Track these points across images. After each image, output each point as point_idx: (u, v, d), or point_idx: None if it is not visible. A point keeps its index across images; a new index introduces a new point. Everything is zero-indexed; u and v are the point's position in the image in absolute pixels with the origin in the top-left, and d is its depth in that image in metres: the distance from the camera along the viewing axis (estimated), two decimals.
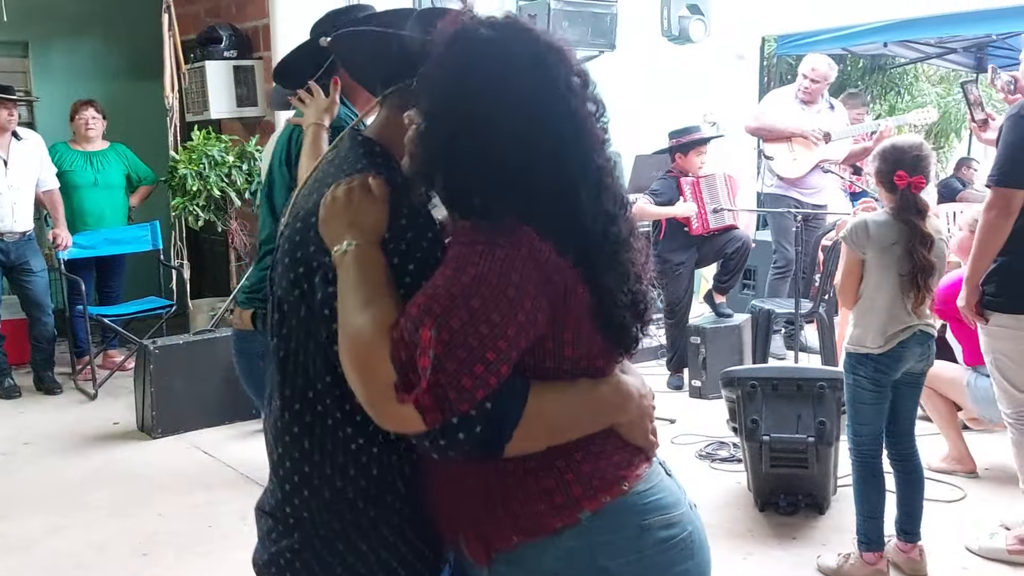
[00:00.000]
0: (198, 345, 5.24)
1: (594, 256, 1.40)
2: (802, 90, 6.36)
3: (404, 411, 1.27)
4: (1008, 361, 3.42)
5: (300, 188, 1.62)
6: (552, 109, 1.39)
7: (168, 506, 4.19)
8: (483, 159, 1.36)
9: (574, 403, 1.40)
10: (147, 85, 6.93)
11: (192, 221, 6.31)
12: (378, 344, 1.29)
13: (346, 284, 1.36)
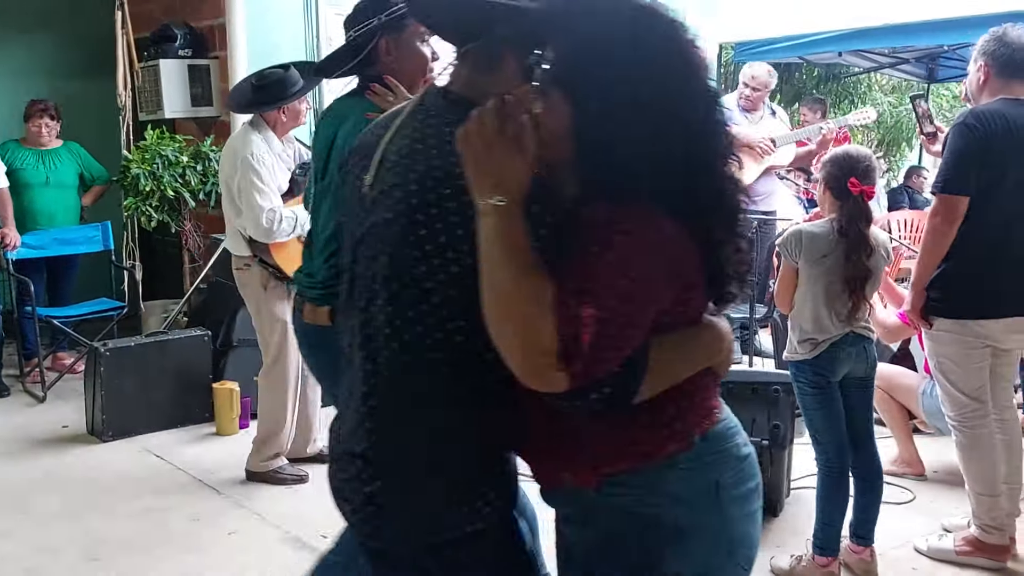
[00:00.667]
0: (150, 347, 5.17)
1: (715, 228, 1.50)
2: (743, 98, 6.41)
3: (556, 376, 1.36)
4: (952, 365, 3.49)
5: (382, 155, 1.61)
6: (694, 86, 1.46)
7: (119, 510, 4.12)
8: (638, 142, 1.40)
9: (685, 351, 1.53)
10: (100, 83, 6.82)
11: (145, 222, 6.23)
12: (541, 314, 1.36)
13: (492, 244, 1.40)
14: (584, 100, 1.42)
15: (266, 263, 4.23)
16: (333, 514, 4.26)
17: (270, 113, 4.26)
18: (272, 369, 4.37)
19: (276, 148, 4.27)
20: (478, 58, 1.57)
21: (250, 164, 4.13)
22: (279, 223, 4.13)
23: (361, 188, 1.64)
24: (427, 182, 1.49)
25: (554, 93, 1.44)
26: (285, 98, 4.22)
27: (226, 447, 4.91)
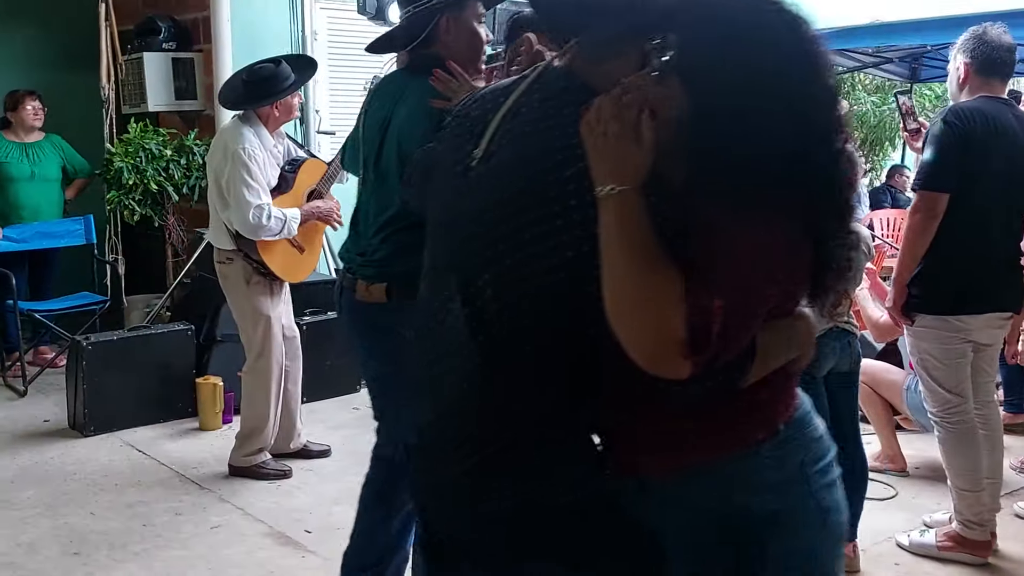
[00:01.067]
0: (133, 341, 5.14)
1: (825, 223, 1.50)
2: None
3: (682, 364, 1.37)
4: (934, 361, 3.51)
5: (493, 134, 1.59)
6: (816, 82, 1.45)
7: (100, 505, 4.10)
8: (755, 135, 1.39)
9: (785, 339, 1.55)
10: (82, 75, 6.77)
11: (128, 215, 6.19)
12: (670, 303, 1.36)
13: (613, 234, 1.40)
14: (702, 91, 1.41)
15: (251, 258, 4.21)
16: (317, 509, 4.28)
17: (262, 109, 4.24)
18: (256, 365, 4.35)
19: (268, 143, 4.25)
20: (599, 43, 1.56)
21: (241, 158, 4.10)
22: (267, 220, 4.10)
23: (462, 166, 1.62)
24: (546, 163, 1.48)
25: (672, 81, 1.43)
26: (277, 93, 4.20)
27: (209, 442, 4.89)
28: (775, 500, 1.55)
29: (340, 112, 6.89)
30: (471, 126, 1.64)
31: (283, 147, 4.40)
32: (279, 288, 4.38)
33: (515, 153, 1.54)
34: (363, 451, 4.73)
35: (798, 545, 1.58)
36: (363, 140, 2.87)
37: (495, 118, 1.59)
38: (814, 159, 1.45)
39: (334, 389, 5.61)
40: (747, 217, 1.39)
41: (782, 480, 1.56)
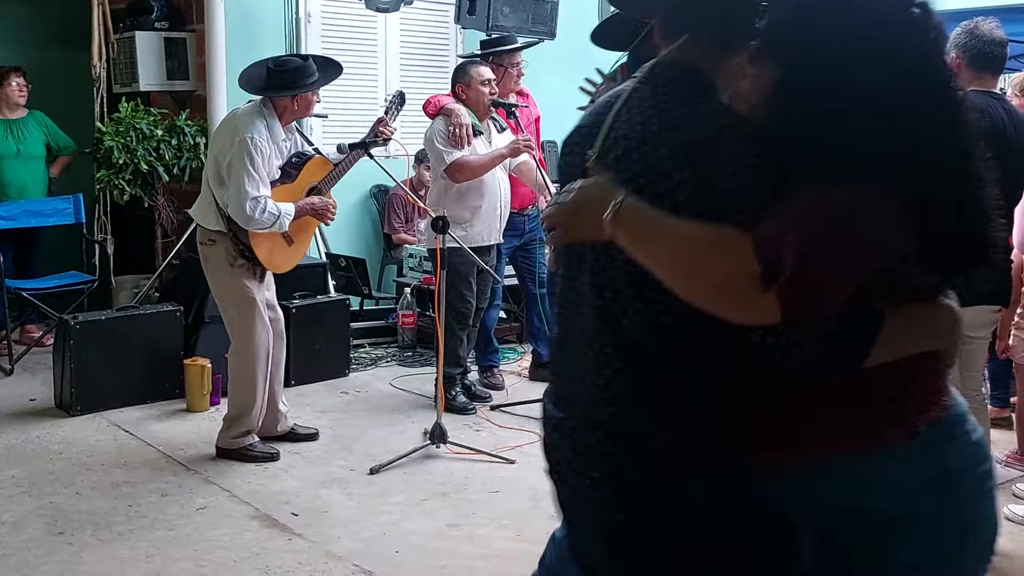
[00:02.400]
0: (121, 321, 5.11)
1: (946, 195, 1.46)
2: None
3: (763, 301, 1.37)
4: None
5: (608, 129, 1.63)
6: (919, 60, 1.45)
7: (86, 485, 4.08)
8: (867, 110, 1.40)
9: (919, 327, 1.51)
10: (73, 54, 6.72)
11: (118, 195, 6.16)
12: (723, 248, 1.40)
13: (640, 241, 1.48)
14: (793, 70, 1.44)
15: (238, 239, 4.20)
16: (303, 492, 4.28)
17: (281, 100, 4.22)
18: (241, 348, 4.34)
19: (277, 136, 4.23)
20: (711, 36, 1.61)
21: (247, 147, 4.08)
22: (261, 212, 4.10)
23: (584, 162, 1.66)
24: (660, 151, 1.52)
25: (765, 61, 1.47)
26: (300, 87, 4.20)
27: (196, 423, 4.88)
28: (905, 505, 1.48)
29: (332, 95, 6.84)
30: (588, 132, 1.70)
31: (292, 141, 4.39)
32: (263, 272, 4.37)
33: (629, 148, 1.58)
34: (350, 435, 4.76)
35: (924, 559, 1.49)
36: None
37: (609, 116, 1.64)
38: (927, 126, 1.43)
39: (322, 373, 5.60)
40: (836, 177, 1.41)
41: (918, 484, 1.48)
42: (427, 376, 5.63)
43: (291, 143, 4.39)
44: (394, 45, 7.25)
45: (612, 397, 1.60)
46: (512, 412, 5.14)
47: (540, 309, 5.52)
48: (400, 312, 6.39)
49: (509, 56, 5.31)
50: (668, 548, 1.60)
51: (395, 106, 4.62)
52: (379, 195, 7.22)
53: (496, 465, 4.38)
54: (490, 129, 5.09)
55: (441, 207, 4.78)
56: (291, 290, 5.37)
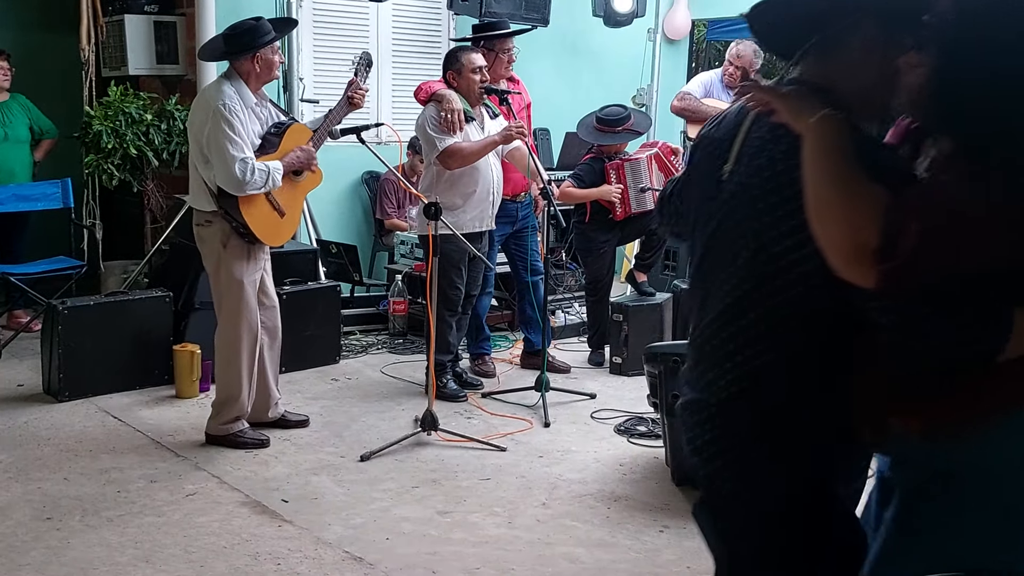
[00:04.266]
0: (110, 307, 5.07)
1: None
2: (727, 75, 6.42)
3: (867, 270, 1.53)
4: None
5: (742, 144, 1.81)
6: None
7: (74, 470, 4.05)
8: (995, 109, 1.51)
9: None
10: (62, 37, 6.66)
11: (106, 180, 6.11)
12: (865, 213, 1.54)
13: (815, 151, 1.62)
14: (950, 61, 1.53)
15: (231, 217, 4.16)
16: (293, 479, 4.27)
17: (243, 65, 4.19)
18: (226, 330, 4.31)
19: (249, 101, 4.19)
20: (823, 46, 1.76)
21: (222, 114, 4.04)
22: (251, 173, 4.05)
23: (714, 180, 1.85)
24: (791, 161, 1.66)
25: (926, 52, 1.58)
26: (257, 46, 4.16)
27: (185, 410, 4.85)
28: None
29: (324, 81, 6.82)
30: (718, 145, 1.89)
31: (267, 111, 4.33)
32: (257, 253, 4.33)
33: (761, 160, 1.76)
34: (340, 422, 4.74)
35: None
36: None
37: (739, 135, 1.82)
38: None
39: (313, 359, 5.58)
40: (974, 172, 1.50)
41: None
42: (418, 363, 5.61)
43: (266, 112, 4.33)
44: (386, 31, 7.21)
45: (748, 375, 1.76)
46: (503, 400, 5.12)
47: (532, 297, 5.50)
48: (391, 299, 6.36)
49: (500, 42, 5.28)
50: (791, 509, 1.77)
51: (363, 67, 4.55)
52: (370, 181, 7.19)
53: (487, 452, 4.36)
54: (482, 115, 5.06)
55: (433, 193, 4.75)
56: (282, 276, 5.34)
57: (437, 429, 4.41)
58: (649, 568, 3.36)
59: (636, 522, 3.71)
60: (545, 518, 3.73)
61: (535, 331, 5.56)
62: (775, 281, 1.71)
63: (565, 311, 6.70)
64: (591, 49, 8.22)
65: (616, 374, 5.63)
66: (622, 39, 8.01)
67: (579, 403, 5.09)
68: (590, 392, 5.22)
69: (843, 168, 1.58)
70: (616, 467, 4.25)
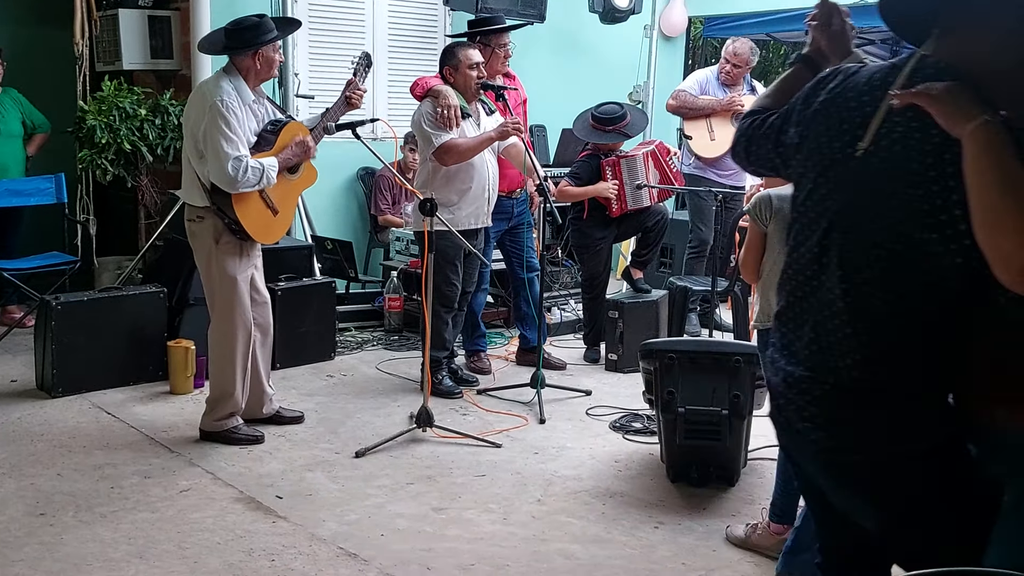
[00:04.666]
0: (103, 302, 5.05)
1: None
2: (724, 73, 6.41)
3: None
4: None
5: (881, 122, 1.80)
6: None
7: (67, 466, 4.03)
8: None
9: None
10: (56, 31, 6.62)
11: (100, 175, 6.09)
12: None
13: (981, 161, 1.62)
14: None
15: (224, 213, 4.14)
16: (288, 475, 4.25)
17: (243, 61, 4.17)
18: (220, 326, 4.30)
19: (247, 98, 4.17)
20: (959, 26, 1.78)
21: (219, 110, 4.02)
22: (245, 171, 4.03)
23: (843, 153, 1.85)
24: (935, 140, 1.69)
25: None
26: (260, 43, 4.14)
27: (180, 406, 4.83)
28: None
29: (319, 77, 6.80)
30: (847, 114, 1.88)
31: (264, 108, 4.32)
32: (249, 250, 4.31)
33: (904, 142, 1.76)
34: (335, 419, 4.73)
35: None
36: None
37: (879, 111, 1.80)
38: None
39: (308, 356, 5.56)
40: None
41: None
42: (413, 360, 5.59)
43: (263, 108, 4.31)
44: (382, 26, 7.19)
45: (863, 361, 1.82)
46: (499, 396, 5.11)
47: (527, 293, 5.49)
48: (387, 295, 6.35)
49: (497, 37, 5.27)
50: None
51: (362, 67, 4.54)
52: (366, 178, 7.17)
53: (482, 449, 4.35)
54: (478, 111, 5.04)
55: (429, 190, 4.73)
56: (277, 273, 5.32)
57: (432, 426, 4.40)
58: (644, 564, 3.35)
59: (631, 518, 3.71)
60: (540, 514, 3.72)
61: (531, 328, 5.55)
62: (916, 268, 1.75)
63: (561, 308, 6.69)
64: (588, 46, 8.21)
65: (612, 371, 5.62)
66: (619, 36, 8.00)
67: (575, 400, 5.08)
68: (585, 389, 5.21)
69: (1016, 178, 1.59)
70: (611, 463, 4.25)
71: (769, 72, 10.74)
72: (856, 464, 1.88)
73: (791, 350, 1.96)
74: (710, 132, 6.35)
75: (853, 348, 1.83)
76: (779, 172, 2.18)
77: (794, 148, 2.05)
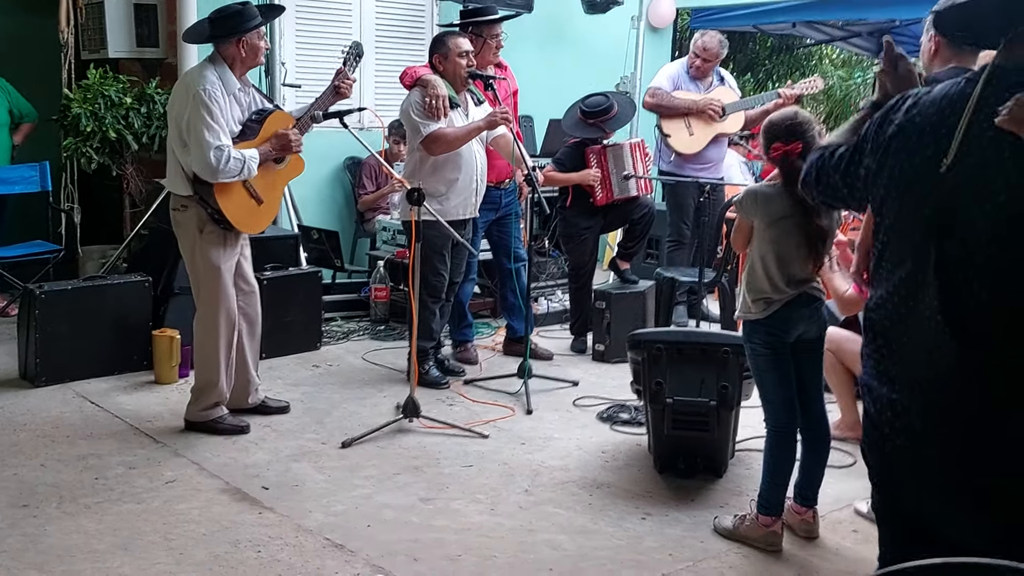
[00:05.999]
0: (88, 291, 5.02)
1: None
2: (693, 67, 6.41)
3: None
4: None
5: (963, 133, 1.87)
6: None
7: (51, 457, 4.00)
8: None
9: None
10: (41, 18, 6.56)
11: (85, 164, 6.04)
12: None
13: None
14: None
15: (207, 203, 4.11)
16: (274, 466, 4.23)
17: (228, 49, 4.14)
18: (205, 316, 4.27)
19: (232, 86, 4.14)
20: None
21: (201, 99, 4.00)
22: (226, 162, 4.01)
23: (927, 169, 1.91)
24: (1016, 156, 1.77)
25: None
26: (244, 30, 4.11)
27: (164, 395, 4.80)
28: None
29: (306, 65, 6.76)
30: (922, 134, 1.94)
31: (250, 97, 4.28)
32: (234, 239, 4.29)
33: (991, 151, 1.82)
34: (321, 409, 4.71)
35: None
36: None
37: (962, 124, 1.86)
38: None
39: (294, 346, 5.54)
40: None
41: None
42: (399, 350, 5.58)
43: (249, 98, 4.28)
44: (369, 15, 7.15)
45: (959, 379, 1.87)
46: (485, 387, 5.10)
47: (514, 284, 5.48)
48: (373, 285, 6.32)
49: (488, 27, 5.24)
50: None
51: (353, 57, 4.51)
52: (352, 167, 7.14)
53: (469, 440, 4.34)
54: (467, 101, 5.02)
55: (417, 179, 4.71)
56: (263, 262, 5.29)
57: (419, 416, 4.39)
58: (631, 555, 3.35)
59: (618, 509, 3.70)
60: (527, 505, 3.72)
61: (518, 318, 5.54)
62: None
63: (548, 298, 6.68)
64: (575, 36, 8.19)
65: (599, 361, 5.62)
66: (606, 26, 7.98)
67: (561, 390, 5.08)
68: (572, 379, 5.21)
69: None
70: (598, 454, 4.24)
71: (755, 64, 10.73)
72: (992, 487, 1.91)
73: (889, 376, 2.02)
74: (688, 128, 6.34)
75: (958, 363, 1.88)
76: (847, 204, 2.29)
77: (872, 175, 2.10)
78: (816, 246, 3.23)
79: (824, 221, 3.24)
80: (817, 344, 3.41)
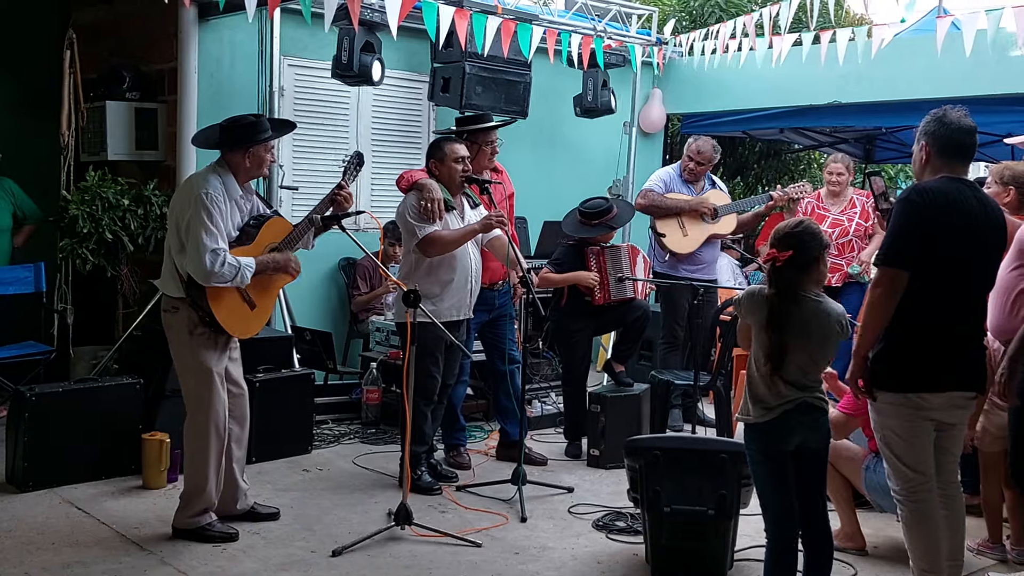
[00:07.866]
0: (79, 394, 4.97)
1: None
2: (686, 171, 6.52)
3: None
4: (896, 437, 3.49)
5: None
6: None
7: (35, 564, 3.90)
8: None
9: None
10: (42, 121, 6.66)
11: (80, 265, 6.05)
12: None
13: None
14: None
15: (198, 305, 4.11)
16: (263, 574, 4.12)
17: (234, 157, 4.20)
18: (195, 420, 4.23)
19: (234, 193, 4.19)
20: None
21: (203, 202, 4.04)
22: (221, 265, 4.02)
23: None
24: None
25: None
26: (253, 142, 4.18)
27: (152, 501, 4.72)
28: None
29: (303, 168, 6.85)
30: None
31: (251, 203, 4.33)
32: (225, 343, 4.28)
33: None
34: (312, 515, 4.63)
35: None
36: None
37: None
38: None
39: (285, 449, 5.47)
40: None
41: None
42: (391, 454, 5.51)
43: (251, 204, 4.33)
44: (366, 120, 7.28)
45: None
46: (478, 493, 5.03)
47: (508, 386, 5.45)
48: (365, 387, 6.28)
49: (483, 134, 5.34)
50: None
51: (353, 167, 4.57)
52: (347, 268, 7.17)
53: (462, 548, 4.26)
54: (463, 204, 5.08)
55: (412, 281, 4.73)
56: (255, 363, 5.27)
57: (411, 523, 4.31)
58: None
59: None
60: None
61: (511, 421, 5.49)
62: None
63: (542, 400, 6.63)
64: (568, 141, 8.34)
65: (593, 467, 5.56)
66: (599, 131, 8.14)
67: (556, 497, 5.01)
68: (567, 485, 5.13)
69: None
70: (594, 564, 4.16)
71: (744, 168, 10.90)
72: None
73: None
74: (682, 229, 6.42)
75: None
76: None
77: None
78: (772, 357, 3.26)
79: (787, 334, 3.26)
80: (820, 454, 3.37)
